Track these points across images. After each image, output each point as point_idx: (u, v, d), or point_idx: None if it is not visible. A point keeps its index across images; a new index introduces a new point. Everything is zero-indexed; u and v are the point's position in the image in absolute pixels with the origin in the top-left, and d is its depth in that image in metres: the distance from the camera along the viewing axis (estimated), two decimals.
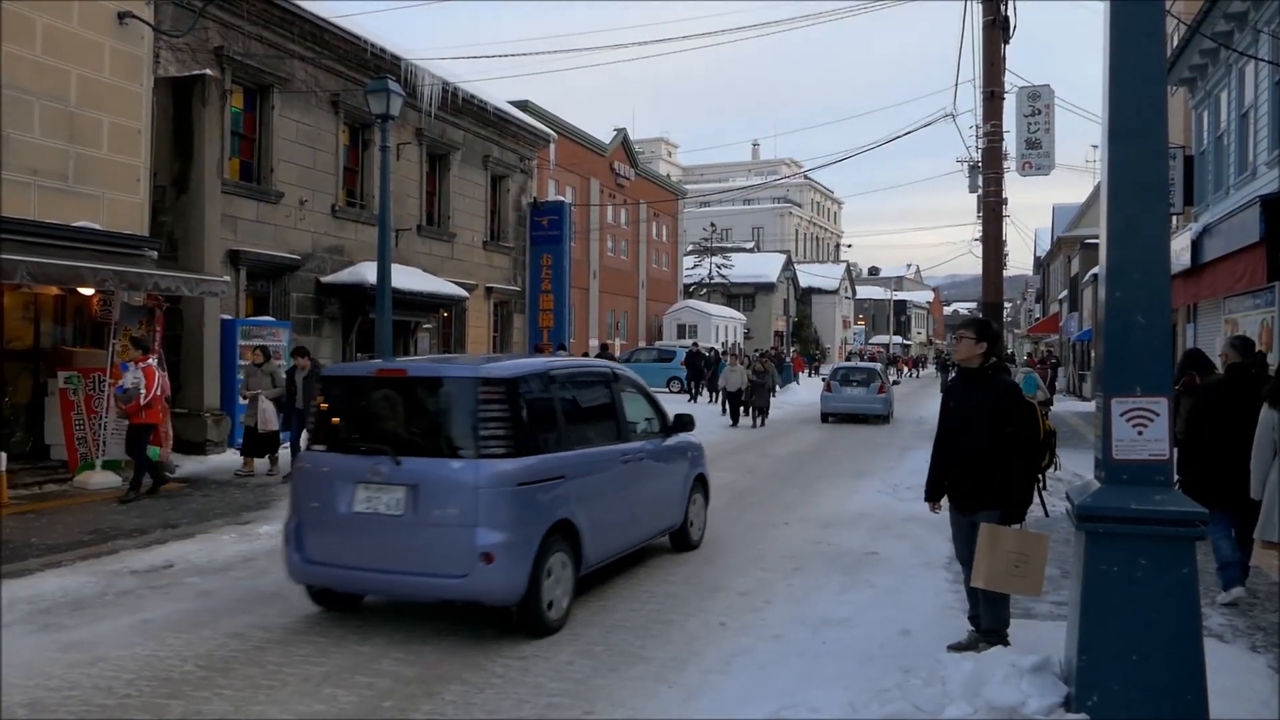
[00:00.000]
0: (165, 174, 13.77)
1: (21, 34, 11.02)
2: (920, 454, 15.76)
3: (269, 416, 12.46)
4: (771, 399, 23.29)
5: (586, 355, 23.72)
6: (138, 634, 5.85)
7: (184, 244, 13.79)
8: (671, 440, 8.24)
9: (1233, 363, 6.99)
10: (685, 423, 8.55)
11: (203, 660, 5.40)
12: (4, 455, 10.32)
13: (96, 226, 11.72)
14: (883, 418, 23.97)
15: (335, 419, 6.35)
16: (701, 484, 8.83)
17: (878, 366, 28.55)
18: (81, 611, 6.35)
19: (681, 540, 8.47)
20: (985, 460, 5.36)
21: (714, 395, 27.06)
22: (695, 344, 33.88)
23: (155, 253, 12.65)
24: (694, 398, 28.66)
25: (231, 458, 13.64)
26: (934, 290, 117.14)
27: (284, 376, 12.78)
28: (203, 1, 14.13)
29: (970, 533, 5.34)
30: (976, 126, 21.07)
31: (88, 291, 11.82)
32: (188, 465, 12.87)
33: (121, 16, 12.27)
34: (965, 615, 5.79)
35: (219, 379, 14.12)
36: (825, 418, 23.82)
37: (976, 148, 19.32)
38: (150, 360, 10.97)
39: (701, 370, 29.19)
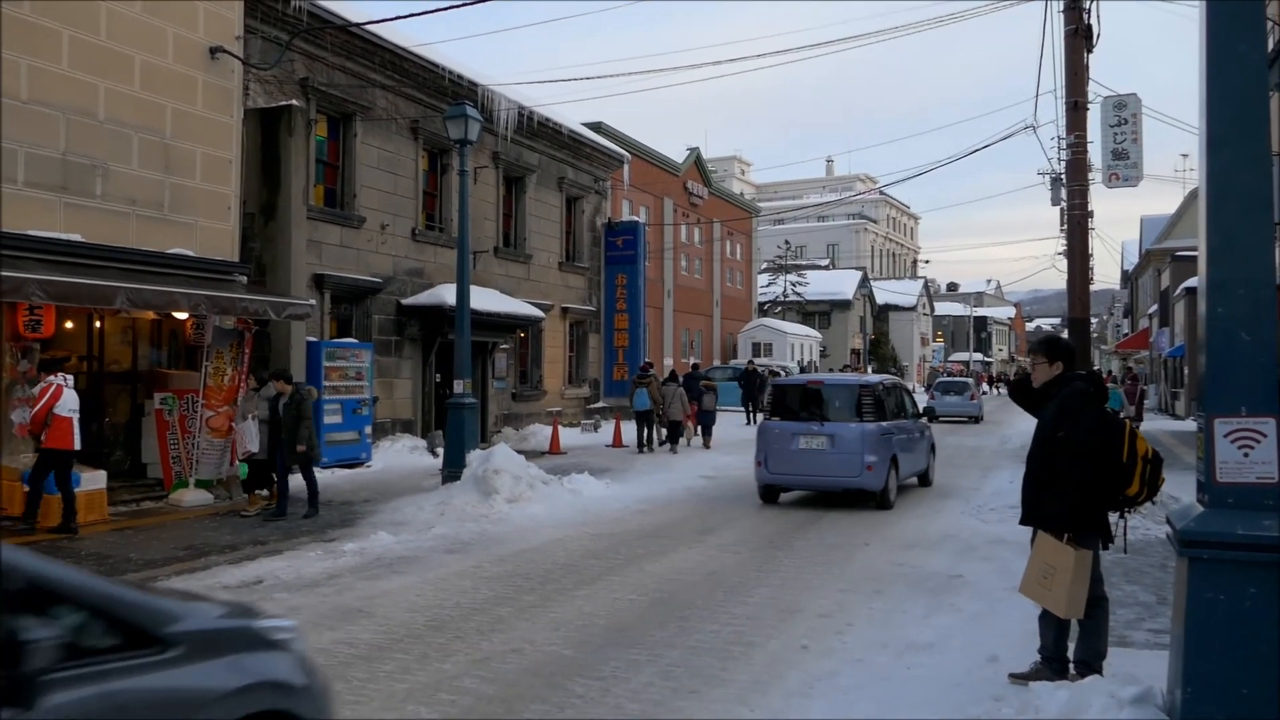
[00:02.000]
0: (254, 201, 14.23)
1: (120, 70, 11.53)
2: (1003, 474, 15.39)
3: (248, 438, 11.53)
4: None
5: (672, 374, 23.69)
6: None
7: (272, 269, 14.23)
8: (920, 421, 14.20)
9: None
10: (928, 412, 15.91)
11: None
12: (104, 473, 10.78)
13: (190, 253, 12.16)
14: (976, 418, 31.40)
15: (786, 404, 12.70)
16: (933, 448, 14.74)
17: (970, 380, 37.37)
18: None
19: (924, 479, 14.24)
20: (1042, 470, 5.19)
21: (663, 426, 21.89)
22: (750, 362, 32.85)
23: (245, 277, 13.06)
24: (751, 418, 26.56)
25: (318, 476, 13.93)
26: (1015, 306, 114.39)
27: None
28: (289, 35, 14.63)
29: None
30: (1058, 138, 20.57)
31: (182, 315, 12.24)
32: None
33: (213, 51, 12.76)
34: None
35: None
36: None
37: (1059, 160, 18.85)
38: (52, 378, 9.79)
39: (756, 390, 27.36)
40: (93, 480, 10.37)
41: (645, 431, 19.36)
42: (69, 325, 12.06)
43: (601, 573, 8.37)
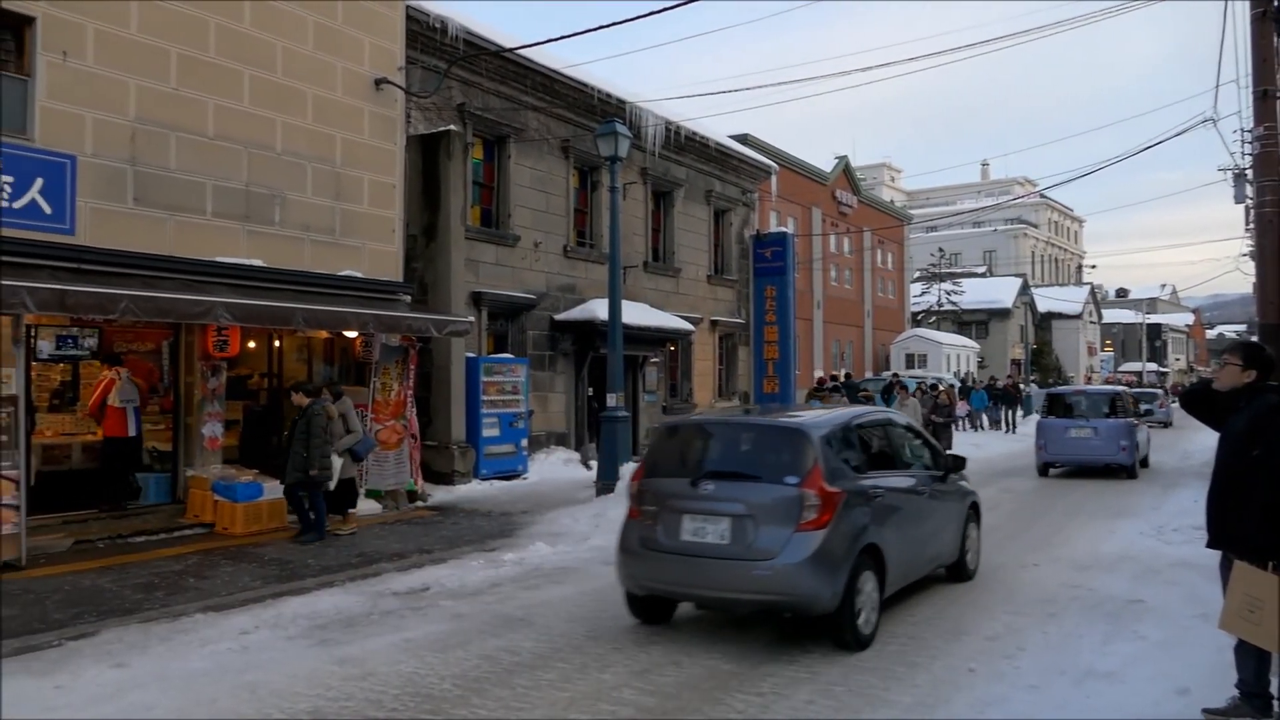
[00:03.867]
0: (416, 223, 14.87)
1: (295, 105, 12.30)
2: (1186, 493, 14.36)
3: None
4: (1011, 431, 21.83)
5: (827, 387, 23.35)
6: (401, 651, 6.26)
7: (433, 288, 14.82)
8: (1139, 421, 18.84)
9: None
10: (1147, 414, 21.33)
11: (459, 680, 5.69)
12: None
13: (358, 274, 12.81)
14: (1166, 424, 33.48)
15: (1056, 405, 18.33)
16: (1149, 439, 19.72)
17: (1160, 390, 41.36)
18: (352, 628, 6.87)
19: (1144, 461, 18.87)
20: (1233, 490, 4.81)
21: None
22: (895, 375, 31.66)
23: (408, 296, 13.65)
24: None
25: (476, 488, 14.41)
26: (1194, 312, 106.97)
27: (353, 416, 11.02)
28: (447, 63, 15.25)
29: (1229, 575, 4.85)
30: (1242, 130, 19.17)
31: (352, 334, 12.90)
32: (437, 494, 13.73)
33: (378, 83, 13.43)
34: None
35: (464, 413, 15.00)
36: None
37: (1244, 154, 17.58)
38: (108, 372, 10.97)
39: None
40: (273, 490, 11.00)
41: None
42: (251, 345, 12.89)
43: None
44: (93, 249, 9.85)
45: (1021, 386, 39.09)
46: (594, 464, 15.30)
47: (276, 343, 13.49)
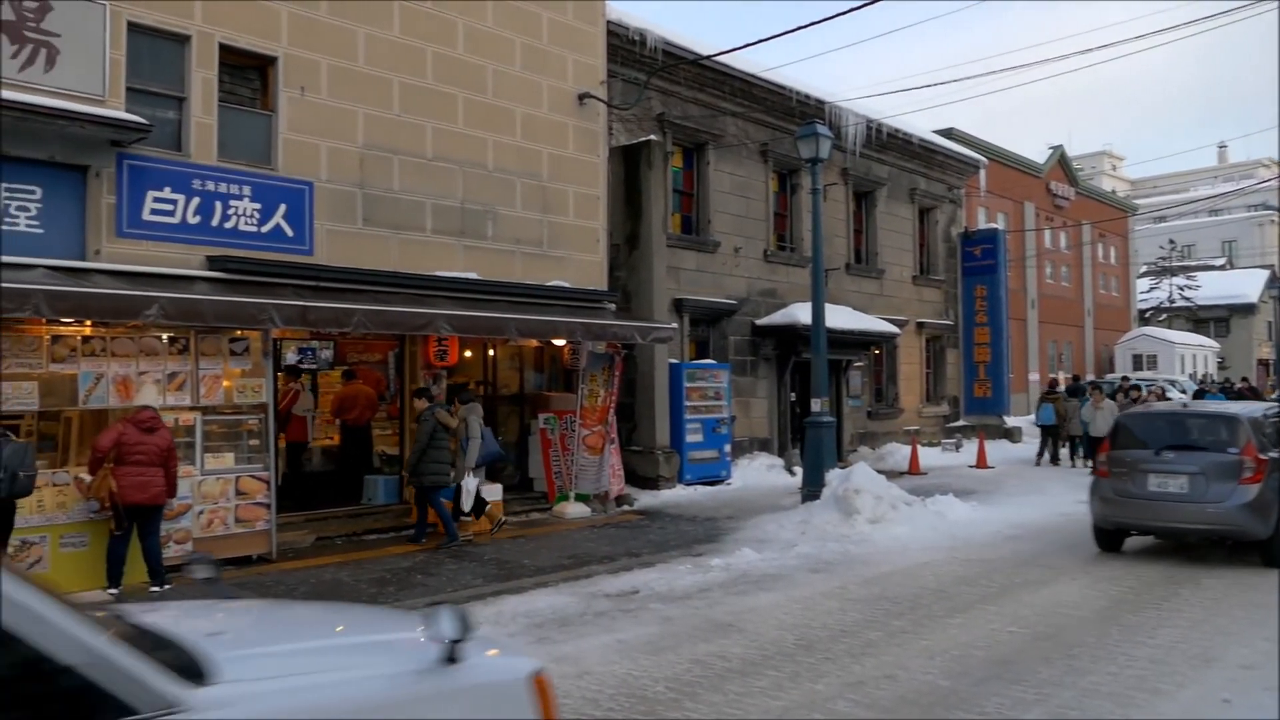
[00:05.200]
0: (619, 233, 15.20)
1: (505, 124, 12.86)
2: None
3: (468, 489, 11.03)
4: None
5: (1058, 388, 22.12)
6: (614, 652, 6.38)
7: (636, 295, 15.09)
8: None
9: None
10: None
11: (671, 682, 5.73)
12: (500, 487, 12.01)
13: (565, 284, 13.23)
14: None
15: None
16: None
17: None
18: (567, 628, 7.07)
19: None
20: None
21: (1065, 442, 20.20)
22: (1125, 379, 29.47)
23: (613, 305, 13.97)
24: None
25: (681, 493, 14.54)
26: None
27: (475, 422, 11.20)
28: (647, 74, 15.52)
29: None
30: None
31: (560, 342, 13.34)
32: (643, 499, 13.94)
33: (581, 98, 13.84)
34: None
35: (668, 419, 15.17)
36: None
37: None
38: (293, 384, 12.59)
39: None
40: (491, 493, 11.53)
41: (1046, 446, 20.13)
42: (468, 354, 13.56)
43: (975, 600, 7.90)
44: (328, 267, 10.68)
45: (1273, 388, 35.42)
46: (798, 470, 15.10)
47: (491, 352, 14.13)
